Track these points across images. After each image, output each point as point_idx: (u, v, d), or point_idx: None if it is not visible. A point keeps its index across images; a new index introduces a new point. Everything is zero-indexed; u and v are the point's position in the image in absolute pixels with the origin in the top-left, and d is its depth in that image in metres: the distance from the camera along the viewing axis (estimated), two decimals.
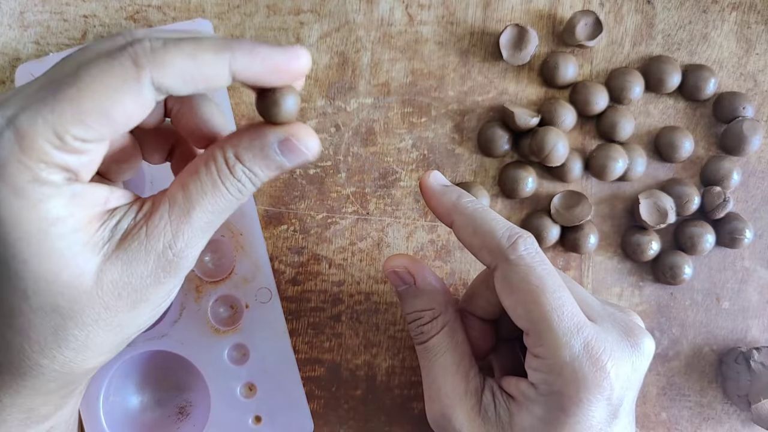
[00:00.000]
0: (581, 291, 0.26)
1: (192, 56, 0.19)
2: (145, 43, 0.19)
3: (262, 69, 0.20)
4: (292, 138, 0.21)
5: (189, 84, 0.20)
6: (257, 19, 0.34)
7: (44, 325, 0.20)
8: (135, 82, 0.19)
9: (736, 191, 0.34)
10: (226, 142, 0.21)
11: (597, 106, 0.33)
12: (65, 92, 0.19)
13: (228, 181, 0.21)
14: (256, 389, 0.32)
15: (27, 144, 0.18)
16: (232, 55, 0.20)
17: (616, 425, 0.23)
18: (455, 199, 0.26)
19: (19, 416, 0.23)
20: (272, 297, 0.32)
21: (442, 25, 0.34)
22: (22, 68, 0.32)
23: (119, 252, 0.21)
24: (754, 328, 0.33)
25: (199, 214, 0.21)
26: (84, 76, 0.19)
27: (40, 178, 0.19)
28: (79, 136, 0.19)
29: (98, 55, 0.19)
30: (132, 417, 0.32)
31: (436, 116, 0.34)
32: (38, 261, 0.19)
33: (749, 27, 0.34)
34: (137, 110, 0.19)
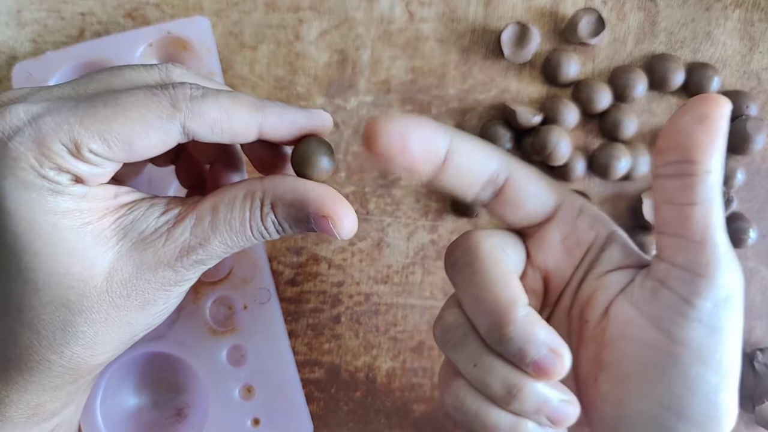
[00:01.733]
0: None
1: (227, 110, 0.21)
2: (186, 90, 0.20)
3: (287, 133, 0.22)
4: (332, 218, 0.21)
5: (216, 135, 0.21)
6: (256, 17, 0.33)
7: (53, 320, 0.21)
8: (168, 122, 0.20)
9: (740, 190, 0.33)
10: (269, 184, 0.22)
11: (600, 104, 0.32)
12: (100, 111, 0.19)
13: (255, 226, 0.22)
14: (255, 391, 0.32)
15: (45, 144, 0.19)
16: (263, 117, 0.21)
17: None
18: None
19: (26, 413, 0.23)
20: (271, 298, 0.32)
21: (443, 23, 0.34)
22: (19, 66, 0.32)
23: (133, 253, 0.21)
24: (758, 328, 0.33)
25: (217, 244, 0.21)
26: (123, 104, 0.20)
27: (49, 177, 0.19)
28: (96, 152, 0.20)
29: (140, 86, 0.20)
30: (129, 419, 0.32)
31: (437, 114, 0.33)
32: (49, 253, 0.20)
33: (753, 25, 0.34)
34: (160, 146, 0.20)
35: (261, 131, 0.21)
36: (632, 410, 0.21)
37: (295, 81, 0.33)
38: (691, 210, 0.21)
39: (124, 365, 0.32)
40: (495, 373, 0.21)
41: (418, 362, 0.33)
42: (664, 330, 0.21)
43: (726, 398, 0.21)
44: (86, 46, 0.32)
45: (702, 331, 0.20)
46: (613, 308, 0.23)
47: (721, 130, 0.20)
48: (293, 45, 0.33)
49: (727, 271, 0.20)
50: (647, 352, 0.21)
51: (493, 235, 0.23)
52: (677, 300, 0.21)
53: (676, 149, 0.21)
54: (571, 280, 0.24)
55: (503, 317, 0.20)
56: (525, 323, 0.20)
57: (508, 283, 0.21)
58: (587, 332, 0.23)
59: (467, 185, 0.23)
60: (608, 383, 0.22)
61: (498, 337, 0.21)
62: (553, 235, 0.24)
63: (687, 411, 0.21)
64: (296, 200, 0.21)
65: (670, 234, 0.21)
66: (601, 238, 0.24)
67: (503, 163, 0.23)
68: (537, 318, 0.21)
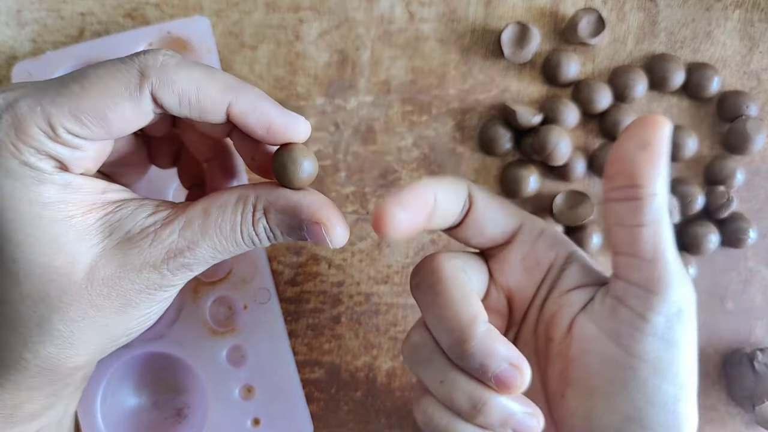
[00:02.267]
0: None
1: (197, 83, 0.20)
2: (158, 57, 0.20)
3: (257, 123, 0.21)
4: (324, 225, 0.21)
5: (184, 108, 0.20)
6: (256, 17, 0.33)
7: (30, 316, 0.20)
8: (136, 90, 0.19)
9: (740, 190, 0.33)
10: (262, 190, 0.21)
11: (600, 104, 0.32)
12: (69, 87, 0.19)
13: (246, 231, 0.21)
14: (255, 391, 0.31)
15: (21, 129, 0.19)
16: (234, 98, 0.20)
17: None
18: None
19: (4, 412, 0.22)
20: (271, 298, 0.32)
21: (443, 23, 0.33)
22: (19, 66, 0.32)
23: (117, 252, 0.20)
24: (758, 328, 0.33)
25: (206, 247, 0.21)
26: (90, 75, 0.19)
27: (30, 163, 0.19)
28: (72, 131, 0.19)
29: (110, 61, 0.20)
30: (129, 419, 0.32)
31: (437, 115, 0.33)
32: (31, 244, 0.19)
33: (753, 25, 0.34)
34: (135, 118, 0.20)
35: (231, 113, 0.21)
36: (599, 423, 0.22)
37: (295, 81, 0.33)
38: (640, 231, 0.22)
39: (124, 365, 0.32)
40: (460, 389, 0.22)
41: None
42: (623, 345, 0.22)
43: (685, 408, 0.22)
44: (86, 46, 0.32)
45: (657, 344, 0.21)
46: (576, 326, 0.23)
47: (663, 153, 0.21)
48: (293, 45, 0.33)
49: (679, 287, 0.22)
50: (609, 367, 0.22)
51: (454, 257, 0.24)
52: (633, 316, 0.22)
53: (622, 175, 0.22)
54: (535, 299, 0.25)
55: (464, 334, 0.21)
56: (485, 339, 0.21)
57: (468, 302, 0.22)
58: (553, 349, 0.24)
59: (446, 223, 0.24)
60: (575, 398, 0.23)
61: (460, 353, 0.21)
62: (514, 256, 0.25)
63: (648, 422, 0.22)
64: (289, 206, 0.21)
65: (623, 254, 0.22)
66: (561, 259, 0.25)
67: (468, 192, 0.24)
68: (496, 334, 0.22)
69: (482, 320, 0.22)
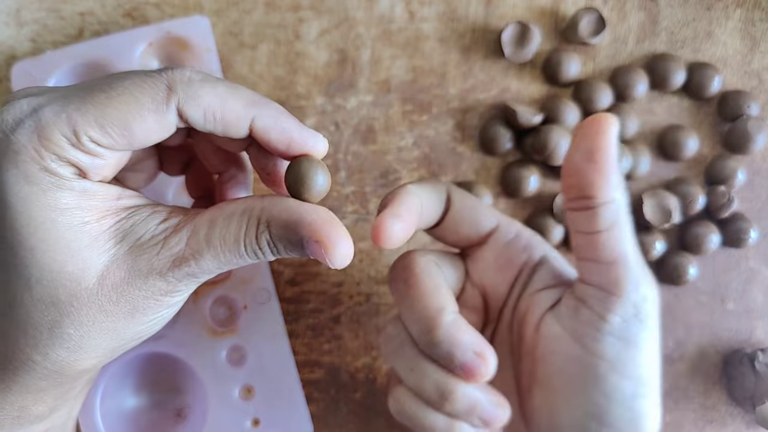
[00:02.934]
0: None
1: (222, 99, 0.20)
2: (185, 73, 0.20)
3: (279, 138, 0.21)
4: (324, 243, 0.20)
5: (209, 122, 0.21)
6: (255, 16, 0.33)
7: (42, 319, 0.20)
8: (163, 103, 0.20)
9: (741, 190, 0.33)
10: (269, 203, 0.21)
11: (600, 104, 0.32)
12: (95, 96, 0.19)
13: (249, 243, 0.21)
14: (255, 391, 0.31)
15: (44, 135, 0.19)
16: (257, 113, 0.21)
17: None
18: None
19: (11, 414, 0.22)
20: (271, 298, 0.32)
21: (444, 22, 0.33)
22: (18, 66, 0.32)
23: (128, 258, 0.21)
24: (759, 329, 0.33)
25: (210, 258, 0.21)
26: (117, 86, 0.20)
27: (51, 169, 0.19)
28: (95, 140, 0.19)
29: (136, 73, 0.20)
30: (129, 419, 0.32)
31: (438, 114, 0.33)
32: (44, 249, 0.20)
33: (754, 24, 0.33)
34: (158, 130, 0.20)
35: (253, 128, 0.21)
36: (562, 420, 0.23)
37: (295, 80, 0.33)
38: (598, 237, 0.23)
39: (123, 365, 0.32)
40: (429, 378, 0.23)
41: None
42: (584, 344, 0.23)
43: (645, 405, 0.22)
44: (85, 46, 0.32)
45: (616, 343, 0.22)
46: (543, 325, 0.24)
47: (611, 159, 0.22)
48: (293, 44, 0.33)
49: (638, 288, 0.22)
50: (572, 366, 0.23)
51: (429, 253, 0.25)
52: (593, 316, 0.23)
53: (574, 188, 0.23)
54: (509, 299, 0.26)
55: (431, 322, 0.22)
56: (451, 328, 0.22)
57: (437, 293, 0.23)
58: (524, 347, 0.25)
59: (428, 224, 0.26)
60: (540, 395, 0.24)
61: (428, 341, 0.23)
62: (488, 255, 0.26)
63: (608, 418, 0.22)
64: (291, 221, 0.21)
65: (585, 258, 0.23)
66: (533, 260, 0.26)
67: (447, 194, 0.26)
68: (463, 323, 0.23)
69: (450, 310, 0.23)
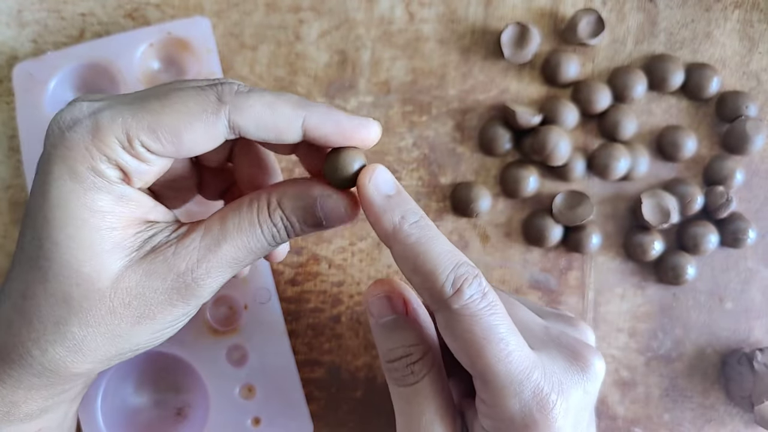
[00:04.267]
0: (524, 315, 0.24)
1: (271, 106, 0.21)
2: (233, 86, 0.21)
3: (332, 132, 0.22)
4: (336, 198, 0.22)
5: (261, 130, 0.21)
6: (256, 17, 0.33)
7: (50, 314, 0.21)
8: (213, 113, 0.20)
9: (739, 191, 0.33)
10: (273, 188, 0.22)
11: (599, 105, 0.32)
12: (151, 104, 0.20)
13: (265, 224, 0.22)
14: (255, 391, 0.32)
15: (99, 136, 0.20)
16: (307, 114, 0.21)
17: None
18: (397, 221, 0.21)
19: (2, 408, 0.23)
20: (271, 297, 0.32)
21: (443, 23, 0.34)
22: (20, 67, 0.32)
23: (143, 262, 0.21)
24: (757, 328, 0.33)
25: (228, 248, 0.21)
26: (171, 96, 0.20)
27: (98, 169, 0.20)
28: (146, 144, 0.20)
29: (190, 85, 0.21)
30: (130, 418, 0.32)
31: (437, 115, 0.33)
32: (69, 246, 0.20)
33: (752, 25, 0.34)
34: (207, 140, 0.21)
35: (306, 128, 0.21)
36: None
37: (296, 81, 0.33)
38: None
39: (124, 364, 0.32)
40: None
41: None
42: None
43: None
44: (86, 47, 0.32)
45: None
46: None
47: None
48: (293, 45, 0.34)
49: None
50: None
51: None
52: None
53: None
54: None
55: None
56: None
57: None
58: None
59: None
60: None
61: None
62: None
63: None
64: (302, 191, 0.22)
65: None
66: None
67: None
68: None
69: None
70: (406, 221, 0.21)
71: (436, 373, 0.23)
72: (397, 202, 0.21)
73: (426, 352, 0.23)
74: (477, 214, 0.33)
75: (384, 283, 0.24)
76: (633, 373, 0.33)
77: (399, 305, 0.24)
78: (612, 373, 0.33)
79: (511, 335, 0.21)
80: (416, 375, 0.23)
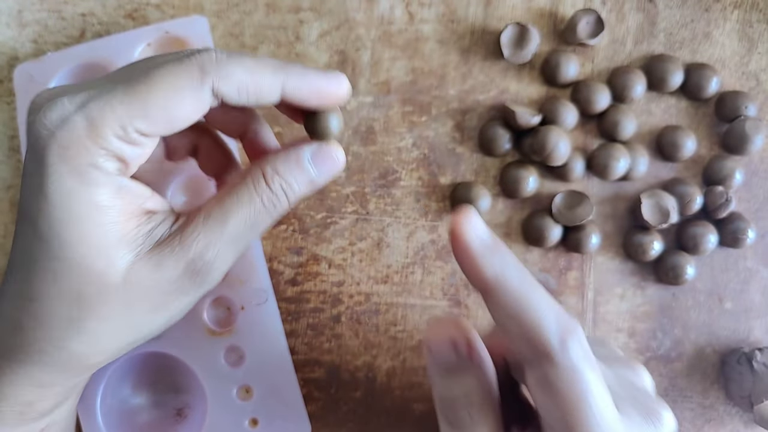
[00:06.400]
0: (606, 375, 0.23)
1: (251, 71, 0.21)
2: (212, 54, 0.21)
3: (309, 91, 0.22)
4: (323, 147, 0.23)
5: (242, 95, 0.21)
6: (256, 17, 0.33)
7: (62, 314, 0.21)
8: (199, 84, 0.21)
9: (739, 191, 0.33)
10: (264, 159, 0.23)
11: (599, 105, 0.33)
12: (136, 88, 0.20)
13: (264, 194, 0.22)
14: (253, 392, 0.32)
15: (94, 130, 0.20)
16: (286, 76, 0.22)
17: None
18: (498, 268, 0.20)
19: (17, 409, 0.23)
20: (268, 298, 0.32)
21: (443, 24, 0.34)
22: (21, 68, 0.32)
23: (151, 255, 0.21)
24: (756, 328, 0.33)
25: (232, 226, 0.22)
26: (154, 76, 0.20)
27: (97, 164, 0.20)
28: (140, 130, 0.20)
29: (168, 60, 0.21)
30: (129, 419, 0.32)
31: (437, 115, 0.34)
32: (76, 245, 0.20)
33: (751, 26, 0.34)
34: (195, 112, 0.21)
35: (284, 92, 0.22)
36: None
37: None
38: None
39: (123, 365, 0.32)
40: None
41: (417, 361, 0.33)
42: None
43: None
44: (87, 47, 0.32)
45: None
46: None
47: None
48: (293, 46, 0.34)
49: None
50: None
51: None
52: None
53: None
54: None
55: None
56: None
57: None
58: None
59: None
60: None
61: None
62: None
63: None
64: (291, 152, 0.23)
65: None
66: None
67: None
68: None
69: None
70: (507, 269, 0.20)
71: (494, 420, 0.22)
72: (494, 249, 0.21)
73: (486, 398, 0.22)
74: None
75: (447, 323, 0.22)
76: None
77: (463, 348, 0.22)
78: None
79: (605, 394, 0.20)
80: (474, 421, 0.22)
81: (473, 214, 0.21)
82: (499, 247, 0.21)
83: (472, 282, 0.21)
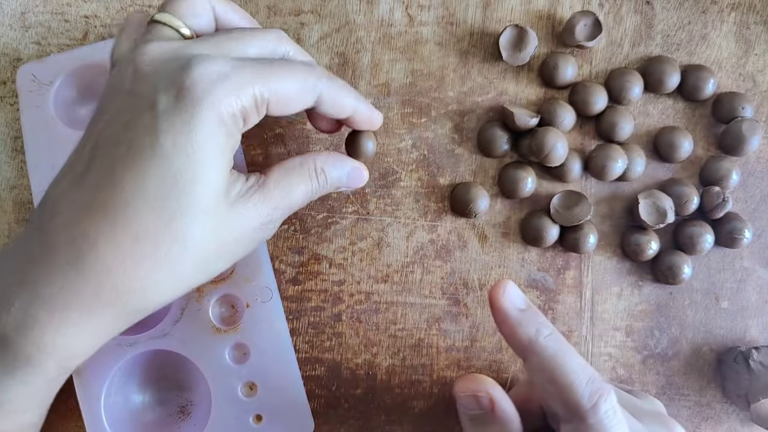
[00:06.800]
0: (633, 425, 0.25)
1: (341, 99, 0.27)
2: (325, 70, 0.27)
3: (362, 118, 0.28)
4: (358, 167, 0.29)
5: (328, 108, 0.27)
6: (258, 20, 0.34)
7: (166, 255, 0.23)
8: (313, 91, 0.26)
9: (735, 191, 0.34)
10: (317, 156, 0.28)
11: (596, 106, 0.33)
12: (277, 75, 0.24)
13: (315, 180, 0.27)
14: (257, 388, 0.32)
15: (244, 90, 0.23)
16: (357, 103, 0.28)
17: None
18: (533, 334, 0.23)
19: (61, 363, 0.24)
20: (272, 296, 0.32)
21: (442, 26, 0.34)
22: (24, 69, 0.32)
23: (237, 206, 0.24)
24: (753, 327, 0.34)
25: (295, 195, 0.26)
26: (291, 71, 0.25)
27: (236, 117, 0.23)
28: (269, 108, 0.24)
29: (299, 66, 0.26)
30: (133, 416, 0.33)
31: (436, 116, 0.34)
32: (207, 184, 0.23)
33: (748, 27, 0.34)
34: (299, 108, 0.26)
35: (352, 114, 0.27)
36: None
37: None
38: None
39: (128, 363, 0.32)
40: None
41: (417, 359, 0.33)
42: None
43: None
44: (90, 49, 0.33)
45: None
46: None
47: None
48: None
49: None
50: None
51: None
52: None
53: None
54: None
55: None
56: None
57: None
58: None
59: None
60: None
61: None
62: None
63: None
64: (339, 161, 0.28)
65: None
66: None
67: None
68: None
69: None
70: (541, 334, 0.23)
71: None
72: (530, 316, 0.24)
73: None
74: (476, 214, 0.33)
75: (471, 380, 0.25)
76: (630, 371, 0.33)
77: (486, 402, 0.25)
78: (609, 371, 0.33)
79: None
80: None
81: (510, 285, 0.24)
82: (535, 315, 0.24)
83: (511, 346, 0.24)
